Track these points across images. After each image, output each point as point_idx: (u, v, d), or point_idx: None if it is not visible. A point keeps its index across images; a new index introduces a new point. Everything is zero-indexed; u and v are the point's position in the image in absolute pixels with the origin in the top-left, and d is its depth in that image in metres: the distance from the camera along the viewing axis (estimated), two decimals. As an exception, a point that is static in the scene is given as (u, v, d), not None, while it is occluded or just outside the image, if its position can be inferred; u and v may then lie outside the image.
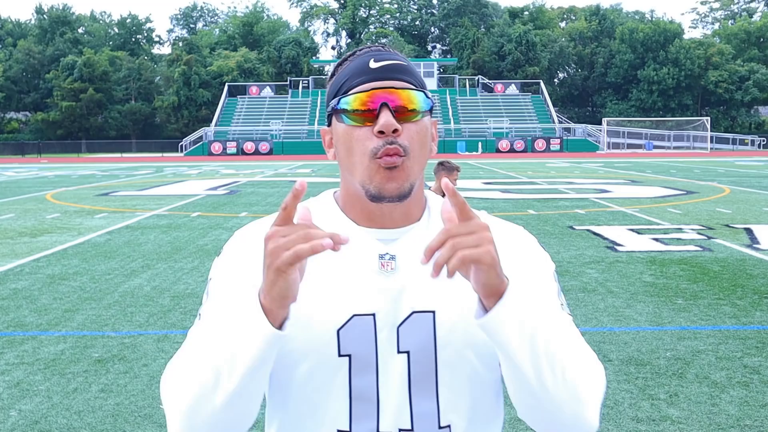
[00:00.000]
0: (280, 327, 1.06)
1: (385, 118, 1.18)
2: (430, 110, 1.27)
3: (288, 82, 68.31)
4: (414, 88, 1.23)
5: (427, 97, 1.24)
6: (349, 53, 1.29)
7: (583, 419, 1.14)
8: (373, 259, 1.24)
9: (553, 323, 1.14)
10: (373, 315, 1.21)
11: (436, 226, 1.26)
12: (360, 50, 1.27)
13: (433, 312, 1.22)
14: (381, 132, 1.19)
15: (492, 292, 1.07)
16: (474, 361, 1.23)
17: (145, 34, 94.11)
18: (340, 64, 1.28)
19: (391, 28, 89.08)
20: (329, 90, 1.29)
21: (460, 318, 1.21)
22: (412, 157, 1.21)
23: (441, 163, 6.60)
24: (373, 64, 1.23)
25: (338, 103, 1.23)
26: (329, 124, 1.29)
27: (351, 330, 1.20)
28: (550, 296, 1.24)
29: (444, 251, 1.03)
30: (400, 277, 1.23)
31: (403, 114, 1.20)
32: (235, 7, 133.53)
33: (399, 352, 1.21)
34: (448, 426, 1.23)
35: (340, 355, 1.20)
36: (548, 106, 62.77)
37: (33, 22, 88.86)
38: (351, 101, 1.21)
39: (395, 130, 1.19)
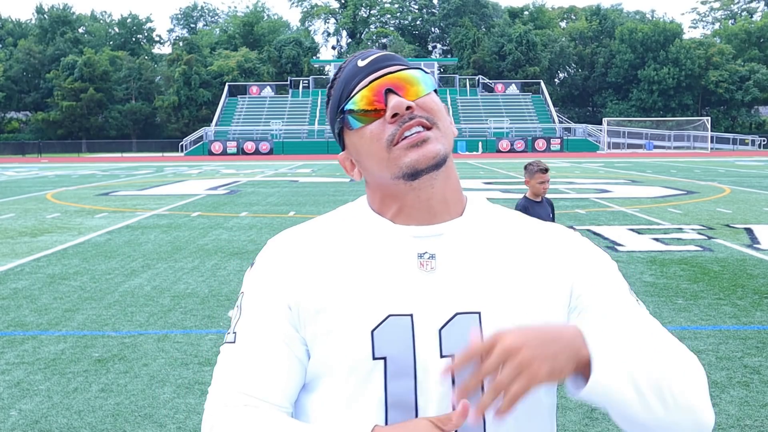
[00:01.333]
0: None
1: (394, 100, 1.13)
2: (437, 93, 1.21)
3: (288, 82, 68.36)
4: (409, 68, 1.18)
5: (426, 72, 1.19)
6: (334, 74, 1.24)
7: (701, 423, 1.10)
8: (412, 258, 1.17)
9: (644, 349, 1.09)
10: (411, 316, 1.13)
11: (479, 223, 1.22)
12: (344, 64, 1.23)
13: (479, 313, 1.14)
14: (394, 116, 1.13)
15: (576, 368, 1.04)
16: None
17: (146, 34, 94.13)
18: (331, 87, 1.23)
19: (392, 28, 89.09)
20: (330, 112, 1.23)
21: (508, 319, 1.13)
22: (440, 126, 1.16)
23: (528, 165, 6.11)
24: (361, 63, 1.19)
25: (343, 109, 1.18)
26: (343, 148, 1.23)
27: (386, 331, 1.13)
28: (623, 297, 1.20)
29: (505, 377, 1.00)
30: (440, 277, 1.16)
31: (409, 93, 1.15)
32: (235, 7, 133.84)
33: (442, 356, 1.12)
34: None
35: (374, 358, 1.13)
36: (548, 106, 62.78)
37: (33, 21, 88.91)
38: (355, 101, 1.16)
39: (409, 107, 1.13)
